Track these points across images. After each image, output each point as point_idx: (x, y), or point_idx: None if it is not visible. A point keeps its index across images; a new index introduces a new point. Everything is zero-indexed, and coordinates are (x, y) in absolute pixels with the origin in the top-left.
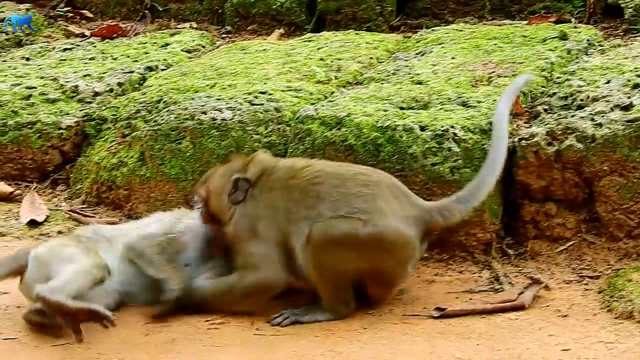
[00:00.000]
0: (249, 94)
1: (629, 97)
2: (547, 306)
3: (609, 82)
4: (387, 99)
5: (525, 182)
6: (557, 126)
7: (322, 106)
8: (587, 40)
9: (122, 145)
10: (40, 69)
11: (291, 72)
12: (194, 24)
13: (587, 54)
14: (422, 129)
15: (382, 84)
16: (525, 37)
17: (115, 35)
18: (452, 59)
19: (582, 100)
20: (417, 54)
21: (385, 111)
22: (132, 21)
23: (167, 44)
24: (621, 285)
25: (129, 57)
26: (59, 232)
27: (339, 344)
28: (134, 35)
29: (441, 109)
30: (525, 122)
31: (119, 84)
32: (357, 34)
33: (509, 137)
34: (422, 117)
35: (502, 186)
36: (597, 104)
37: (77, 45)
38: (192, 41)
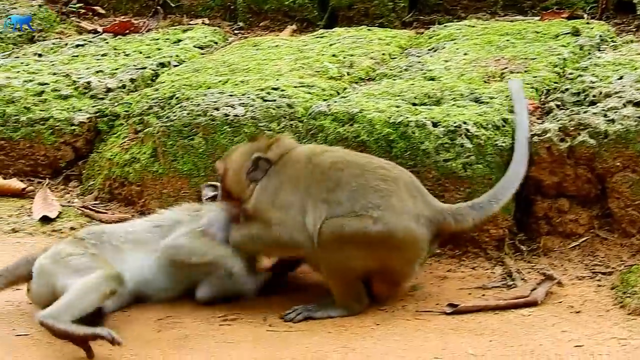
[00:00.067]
0: (262, 90)
1: None
2: (560, 302)
3: (621, 78)
4: (399, 95)
5: (537, 178)
6: (569, 122)
7: (335, 102)
8: (600, 36)
9: (134, 141)
10: (52, 65)
11: (303, 68)
12: (207, 20)
13: (599, 50)
14: (435, 125)
15: (394, 80)
16: (537, 33)
17: (127, 31)
18: (465, 55)
19: (594, 96)
20: (429, 50)
21: (397, 107)
22: (144, 17)
23: (179, 40)
24: (634, 281)
25: (141, 53)
26: (72, 229)
27: (351, 340)
28: (146, 31)
29: (454, 105)
30: (537, 118)
31: (132, 80)
32: (369, 30)
33: None
34: (435, 113)
35: None
36: (610, 100)
37: (90, 41)
38: (205, 37)
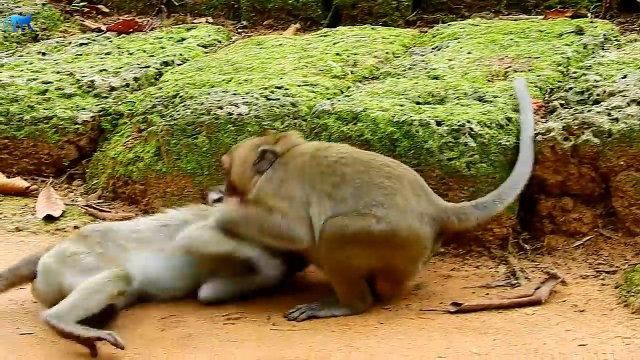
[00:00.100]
0: (265, 88)
1: None
2: (564, 301)
3: (625, 76)
4: (403, 94)
5: (541, 177)
6: (573, 121)
7: (339, 101)
8: (604, 35)
9: (138, 140)
10: (56, 63)
11: (307, 67)
12: (210, 19)
13: (603, 49)
14: (439, 123)
15: (398, 78)
16: (541, 31)
17: (131, 30)
18: (468, 53)
19: (598, 95)
20: (433, 48)
21: (401, 106)
22: (148, 16)
23: (183, 39)
24: (638, 280)
25: (145, 52)
26: (75, 228)
27: (355, 339)
28: (150, 30)
29: (457, 103)
30: (541, 117)
31: (135, 79)
32: (373, 28)
33: None
34: (438, 112)
35: None
36: (614, 99)
37: (93, 40)
38: (208, 36)
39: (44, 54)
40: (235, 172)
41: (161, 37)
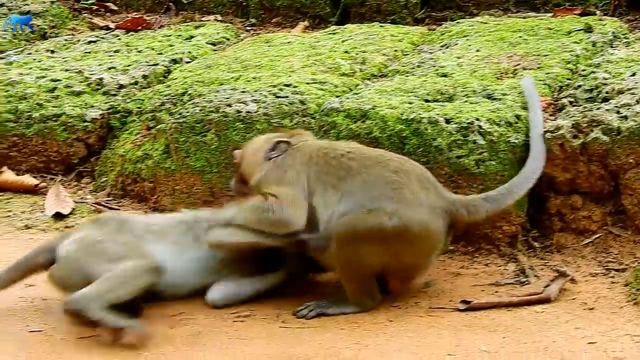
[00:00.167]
0: (274, 86)
1: None
2: (573, 299)
3: (634, 74)
4: (412, 92)
5: (550, 175)
6: (582, 119)
7: (347, 99)
8: (612, 32)
9: (147, 137)
10: (65, 61)
11: (316, 64)
12: (219, 17)
13: (612, 47)
14: (447, 121)
15: (406, 76)
16: (550, 29)
17: (139, 27)
18: (477, 51)
19: (607, 92)
20: (441, 46)
21: (410, 104)
22: (156, 14)
23: (191, 37)
24: None
25: (153, 49)
26: None
27: (364, 337)
28: (158, 27)
29: (466, 101)
30: (550, 115)
31: (144, 77)
32: (381, 26)
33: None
34: (447, 110)
35: None
36: (623, 97)
37: (102, 37)
38: (217, 34)
39: (52, 52)
40: (246, 162)
41: (170, 35)
